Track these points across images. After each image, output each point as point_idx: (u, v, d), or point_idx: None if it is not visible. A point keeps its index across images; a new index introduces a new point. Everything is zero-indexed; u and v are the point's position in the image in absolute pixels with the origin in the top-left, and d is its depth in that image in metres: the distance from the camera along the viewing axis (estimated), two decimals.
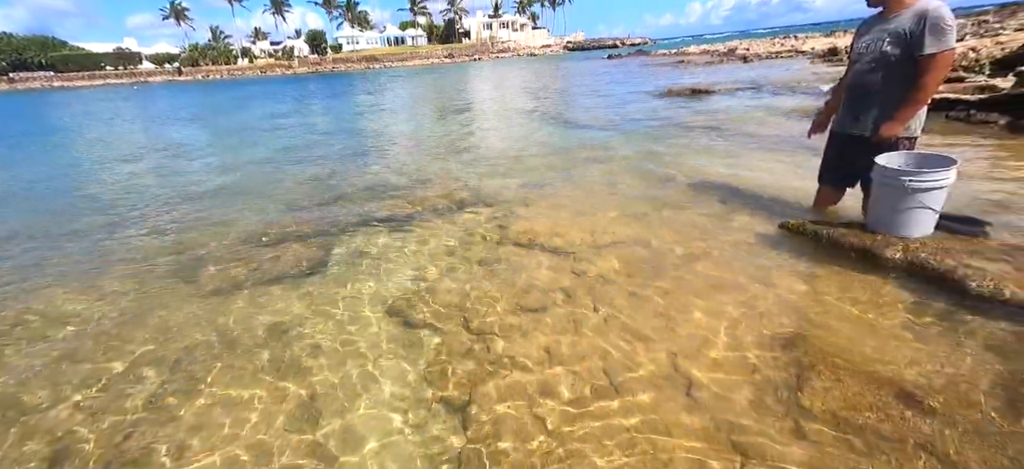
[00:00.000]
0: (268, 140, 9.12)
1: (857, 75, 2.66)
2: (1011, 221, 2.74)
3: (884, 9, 2.52)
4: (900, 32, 2.39)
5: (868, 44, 2.57)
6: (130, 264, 3.35)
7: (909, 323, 1.96)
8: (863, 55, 2.60)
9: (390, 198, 4.49)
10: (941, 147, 4.48)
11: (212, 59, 77.58)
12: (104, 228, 4.21)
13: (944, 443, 1.39)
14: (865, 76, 2.60)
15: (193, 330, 2.42)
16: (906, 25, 2.37)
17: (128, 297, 2.84)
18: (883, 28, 2.48)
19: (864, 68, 2.60)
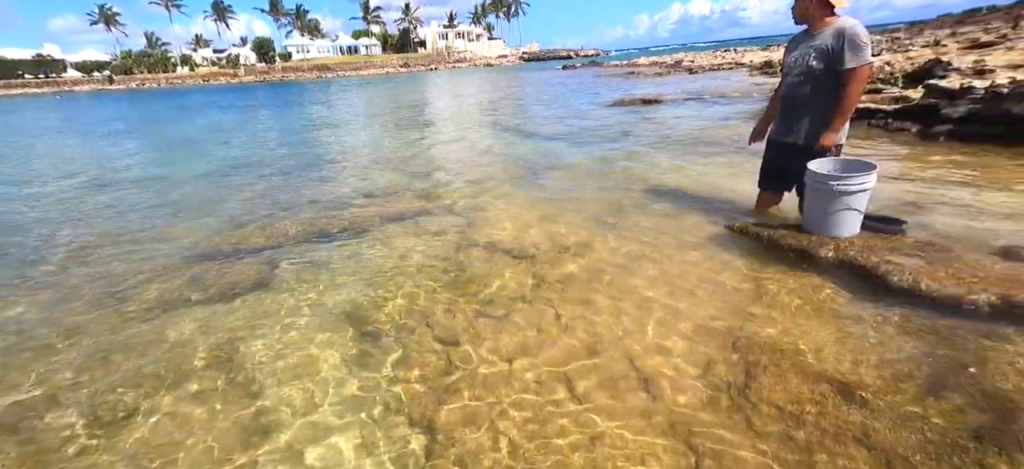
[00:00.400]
0: (212, 153, 8.62)
1: (789, 88, 2.87)
2: (923, 219, 3.03)
3: (809, 27, 2.75)
4: (823, 48, 2.60)
5: (796, 59, 2.78)
6: (52, 289, 3.05)
7: (842, 317, 2.11)
8: (793, 69, 2.81)
9: (345, 210, 4.35)
10: (864, 153, 4.90)
11: (148, 67, 72.67)
12: (22, 250, 3.81)
13: (874, 431, 1.51)
14: (795, 89, 2.81)
15: (125, 355, 2.23)
16: (828, 41, 2.58)
17: (50, 326, 2.58)
18: (809, 44, 2.70)
19: (794, 81, 2.81)
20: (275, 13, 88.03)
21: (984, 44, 8.91)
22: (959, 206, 3.24)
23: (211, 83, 63.77)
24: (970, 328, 1.91)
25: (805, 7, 2.70)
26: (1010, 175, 3.82)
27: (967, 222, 2.95)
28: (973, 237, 2.69)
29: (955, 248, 2.48)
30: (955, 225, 2.90)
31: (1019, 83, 4.69)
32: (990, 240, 2.62)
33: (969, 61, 6.10)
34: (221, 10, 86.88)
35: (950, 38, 12.28)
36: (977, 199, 3.35)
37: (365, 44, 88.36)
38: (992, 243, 2.57)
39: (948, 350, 1.81)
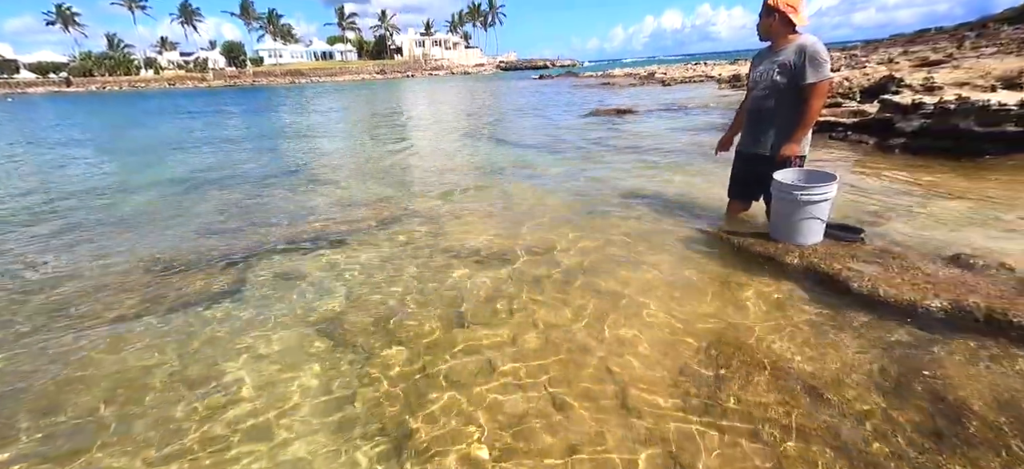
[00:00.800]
0: (177, 160, 8.31)
1: (755, 101, 2.99)
2: (881, 228, 3.18)
3: (773, 43, 2.87)
4: (786, 64, 2.72)
5: (761, 74, 2.90)
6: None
7: (808, 320, 2.19)
8: (758, 83, 2.93)
9: (316, 219, 4.26)
10: (825, 164, 5.12)
11: (109, 69, 69.62)
12: None
13: (838, 431, 1.56)
14: (761, 102, 2.93)
15: (79, 372, 2.10)
16: (791, 58, 2.71)
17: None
18: (773, 60, 2.82)
19: (760, 95, 2.92)
20: (246, 17, 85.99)
21: (933, 62, 9.48)
22: (912, 215, 3.42)
23: (177, 87, 61.63)
24: (924, 331, 2.01)
25: (769, 25, 2.82)
26: (957, 186, 4.06)
27: (920, 231, 3.11)
28: (925, 245, 2.84)
29: (909, 256, 2.61)
30: (909, 233, 3.06)
31: (964, 100, 5.01)
32: (941, 248, 2.77)
33: (919, 78, 6.47)
34: (188, 12, 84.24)
35: (902, 56, 13.03)
36: (928, 209, 3.55)
37: (340, 50, 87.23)
38: (943, 251, 2.72)
39: (905, 352, 1.90)
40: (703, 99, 13.15)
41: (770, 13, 2.78)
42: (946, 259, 2.58)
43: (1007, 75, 5.46)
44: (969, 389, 1.67)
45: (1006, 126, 4.69)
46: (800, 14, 2.71)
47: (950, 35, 23.21)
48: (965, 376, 1.73)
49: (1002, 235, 2.97)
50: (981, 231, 3.06)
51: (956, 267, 2.46)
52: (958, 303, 2.07)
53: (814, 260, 2.56)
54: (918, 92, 5.96)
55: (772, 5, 2.75)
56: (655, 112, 11.03)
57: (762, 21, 2.85)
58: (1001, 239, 2.90)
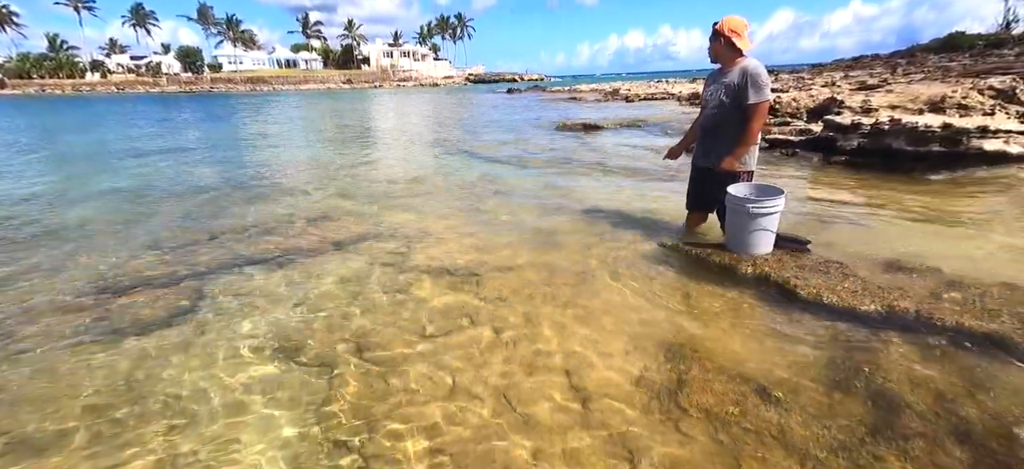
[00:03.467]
0: (124, 168, 7.86)
1: (706, 118, 3.18)
2: (825, 237, 3.40)
3: (722, 65, 3.06)
4: (731, 85, 2.92)
5: (712, 93, 3.10)
6: None
7: (760, 325, 2.31)
8: (709, 102, 3.13)
9: (276, 233, 4.13)
10: (776, 178, 5.43)
11: (49, 71, 65.17)
12: None
13: (788, 428, 1.65)
14: (710, 120, 3.13)
15: (14, 399, 1.95)
16: (735, 79, 2.91)
17: None
18: (721, 81, 3.02)
19: (710, 113, 3.12)
20: (204, 21, 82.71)
21: (870, 86, 10.28)
22: (853, 225, 3.69)
23: (127, 92, 58.37)
24: (863, 333, 2.16)
25: (716, 49, 3.03)
26: (891, 199, 4.41)
27: (859, 239, 3.35)
28: (863, 253, 3.07)
29: (849, 263, 2.81)
30: (849, 242, 3.29)
31: (896, 121, 5.46)
32: (877, 257, 3.00)
33: (858, 100, 7.01)
34: (141, 15, 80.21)
35: (843, 80, 14.06)
36: (867, 220, 3.83)
37: (305, 58, 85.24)
38: (878, 258, 2.94)
39: (847, 353, 2.04)
40: (665, 116, 13.68)
41: (717, 37, 2.98)
42: (882, 265, 2.79)
43: (932, 99, 6.00)
44: (903, 385, 1.81)
45: (932, 146, 5.15)
46: (744, 39, 2.92)
47: (885, 62, 25.23)
48: (897, 374, 1.88)
49: (930, 242, 3.25)
50: (912, 238, 3.33)
51: (890, 273, 2.66)
52: (892, 307, 2.25)
53: (766, 269, 2.72)
54: (857, 113, 6.45)
55: (718, 30, 2.95)
56: (621, 129, 11.37)
57: (711, 45, 3.05)
58: (928, 245, 3.17)
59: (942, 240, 3.34)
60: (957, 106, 5.63)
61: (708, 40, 3.07)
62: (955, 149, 5.07)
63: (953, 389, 1.78)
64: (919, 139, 5.22)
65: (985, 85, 6.09)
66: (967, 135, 5.00)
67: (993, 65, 11.69)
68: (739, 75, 2.89)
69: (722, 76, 3.03)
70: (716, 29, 2.96)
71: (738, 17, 2.93)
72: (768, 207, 2.78)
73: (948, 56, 20.88)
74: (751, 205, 2.78)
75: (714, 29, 2.98)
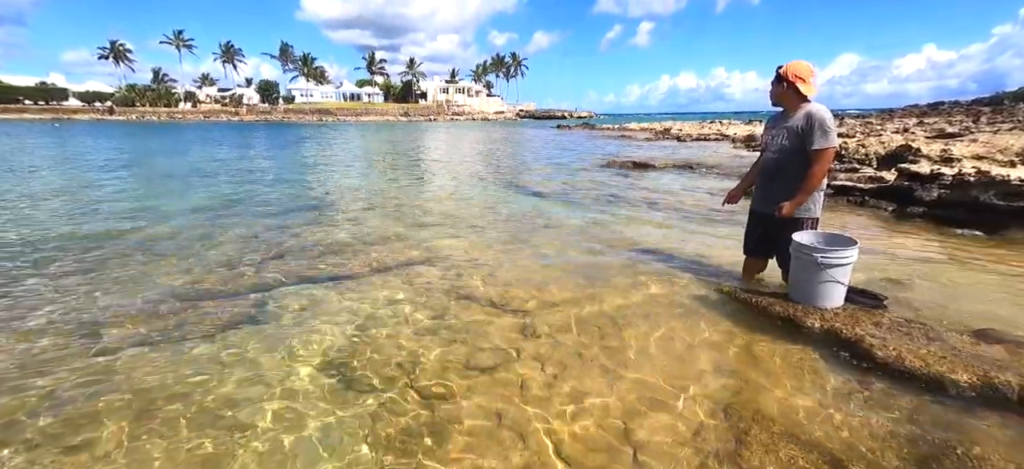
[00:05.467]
0: (204, 188, 8.64)
1: (767, 162, 3.08)
2: (903, 295, 3.12)
3: (785, 109, 2.96)
4: (795, 129, 2.82)
5: (774, 137, 3.01)
6: (15, 320, 2.94)
7: (830, 387, 2.13)
8: (770, 146, 3.03)
9: (334, 255, 4.35)
10: (846, 228, 5.08)
11: (151, 101, 73.75)
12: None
13: None
14: (772, 164, 3.02)
15: (92, 393, 2.13)
16: (800, 123, 2.80)
17: (9, 360, 2.47)
18: (784, 125, 2.92)
19: (772, 157, 3.02)
20: (284, 58, 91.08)
21: (949, 135, 9.54)
22: (934, 284, 3.36)
23: (211, 119, 64.70)
24: (953, 409, 1.93)
25: (779, 93, 2.94)
26: (980, 258, 3.99)
27: (943, 301, 3.04)
28: (949, 316, 2.77)
29: (934, 326, 2.55)
30: (932, 303, 3.00)
31: (983, 173, 5.01)
32: (966, 321, 2.70)
33: (937, 149, 6.51)
34: (230, 52, 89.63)
35: (918, 127, 13.13)
36: (950, 279, 3.48)
37: (368, 92, 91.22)
38: (968, 324, 2.65)
39: (935, 430, 1.82)
40: (719, 158, 13.33)
41: (780, 82, 2.89)
42: (973, 333, 2.51)
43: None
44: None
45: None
46: (809, 84, 2.82)
47: (966, 109, 23.40)
48: (999, 459, 1.66)
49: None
50: (1007, 306, 2.98)
51: (984, 342, 2.39)
52: (989, 380, 2.00)
53: (836, 324, 2.52)
54: (936, 162, 5.98)
55: (783, 75, 2.87)
56: (671, 169, 11.18)
57: (773, 88, 2.97)
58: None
59: None
60: None
61: (770, 83, 3.00)
62: None
63: None
64: (1012, 194, 4.74)
65: None
66: None
67: None
68: (804, 119, 2.80)
69: (785, 120, 2.94)
70: (780, 74, 2.89)
71: (805, 63, 2.85)
72: (839, 257, 2.60)
73: None
74: (819, 254, 2.62)
75: (778, 73, 2.91)
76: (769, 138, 3.06)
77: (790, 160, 2.89)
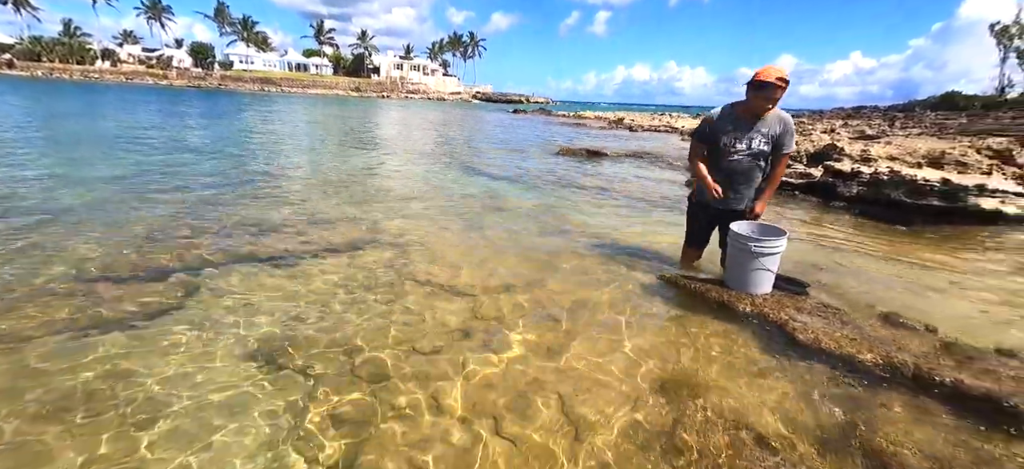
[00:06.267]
0: (124, 156, 7.82)
1: (739, 164, 3.03)
2: (823, 279, 3.39)
3: (754, 112, 2.93)
4: (771, 134, 2.94)
5: (746, 140, 2.97)
6: None
7: (758, 367, 2.28)
8: (737, 148, 2.99)
9: (274, 233, 4.09)
10: (776, 219, 5.45)
11: (60, 56, 65.53)
12: None
13: None
14: (744, 165, 3.03)
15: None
16: (778, 128, 2.93)
17: None
18: (758, 129, 2.94)
19: (744, 158, 3.01)
20: (220, 20, 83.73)
21: (869, 136, 10.45)
22: (850, 271, 3.69)
23: (135, 82, 58.68)
24: (860, 386, 2.13)
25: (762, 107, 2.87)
26: (887, 248, 4.42)
27: (856, 286, 3.34)
28: (861, 301, 3.05)
29: (847, 311, 2.80)
30: (847, 288, 3.28)
31: (895, 173, 5.53)
32: (874, 306, 2.98)
33: (858, 149, 7.11)
34: (157, 9, 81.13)
35: (843, 128, 14.31)
36: (863, 266, 3.83)
37: (316, 63, 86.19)
38: (876, 309, 2.93)
39: (843, 406, 2.00)
40: (666, 149, 13.84)
41: (784, 87, 2.81)
42: (879, 316, 2.78)
43: (931, 154, 6.09)
44: (898, 444, 1.78)
45: (930, 200, 5.20)
46: None
47: (883, 114, 25.74)
48: (895, 431, 1.85)
49: (927, 296, 3.24)
50: (909, 293, 3.32)
51: (888, 325, 2.65)
52: (890, 360, 2.22)
53: (765, 309, 2.70)
54: (856, 162, 6.53)
55: (787, 81, 2.80)
56: (624, 158, 11.47)
57: (776, 95, 2.82)
58: (925, 300, 3.16)
59: (937, 295, 3.34)
60: (955, 163, 5.72)
61: (764, 91, 2.80)
62: (953, 205, 5.12)
63: (953, 452, 1.74)
64: (917, 192, 5.27)
65: (983, 144, 6.20)
66: (965, 192, 5.06)
67: (989, 126, 11.94)
68: (781, 124, 2.93)
69: (757, 123, 2.93)
70: (786, 79, 2.80)
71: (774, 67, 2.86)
72: (770, 247, 2.77)
73: (944, 113, 21.35)
74: (754, 244, 2.78)
75: (785, 80, 2.79)
76: (734, 139, 2.98)
77: (762, 161, 3.02)
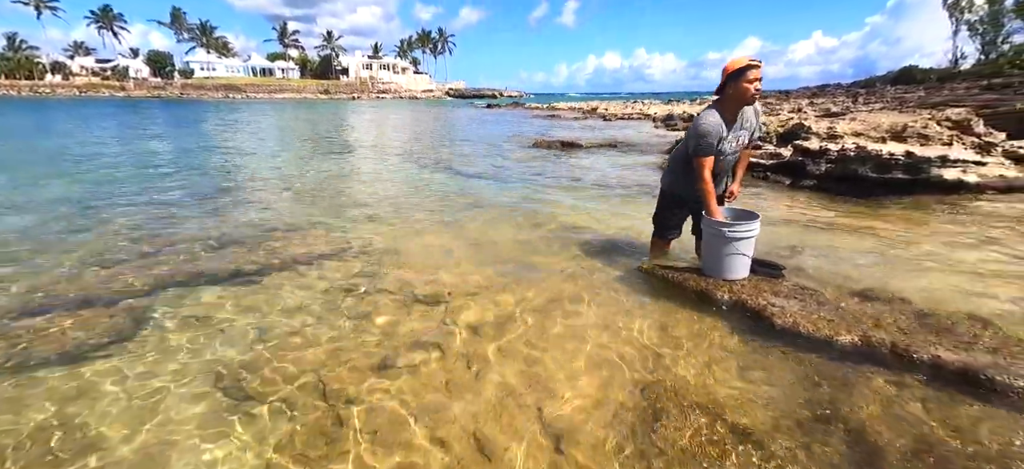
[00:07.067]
0: (77, 173, 7.38)
1: (727, 162, 2.97)
2: (798, 261, 3.41)
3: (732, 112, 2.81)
4: (751, 127, 2.92)
5: (736, 140, 2.87)
6: None
7: (737, 356, 2.24)
8: (730, 150, 2.90)
9: (237, 248, 3.89)
10: (749, 202, 5.49)
11: (6, 72, 61.95)
12: None
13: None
14: (731, 161, 3.03)
15: None
16: (754, 121, 2.93)
17: None
18: (742, 127, 2.86)
19: (731, 156, 2.96)
20: (177, 26, 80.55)
21: (834, 114, 10.70)
22: (824, 250, 3.72)
23: (90, 95, 56.00)
24: (839, 366, 2.12)
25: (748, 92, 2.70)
26: (858, 224, 4.50)
27: (831, 265, 3.37)
28: (835, 280, 3.07)
29: (823, 291, 2.80)
30: (822, 268, 3.30)
31: (862, 149, 5.63)
32: (849, 283, 3.00)
33: (824, 127, 7.24)
34: (108, 17, 77.41)
35: (809, 107, 14.66)
36: (836, 244, 3.88)
37: (281, 67, 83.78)
38: (851, 287, 2.94)
39: (824, 389, 1.98)
40: (641, 137, 13.93)
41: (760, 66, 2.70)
42: (855, 294, 2.79)
43: (894, 128, 6.23)
44: (880, 423, 1.76)
45: (895, 173, 5.32)
46: None
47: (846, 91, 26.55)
48: (877, 410, 1.83)
49: (898, 269, 3.28)
50: (881, 266, 3.36)
51: (864, 302, 2.65)
52: (867, 339, 2.22)
53: (743, 296, 2.67)
54: (823, 139, 6.64)
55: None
56: (597, 148, 11.47)
57: (759, 72, 2.67)
58: (897, 273, 3.20)
59: (908, 268, 3.39)
60: (917, 135, 5.86)
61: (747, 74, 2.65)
62: (917, 177, 5.24)
63: (932, 428, 1.74)
64: (883, 166, 5.38)
65: (942, 116, 6.38)
66: (928, 164, 5.19)
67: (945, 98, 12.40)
68: (756, 116, 2.93)
69: (737, 123, 2.83)
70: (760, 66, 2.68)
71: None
72: (744, 232, 2.75)
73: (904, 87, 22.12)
74: (727, 229, 2.75)
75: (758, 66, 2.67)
76: (729, 144, 2.86)
77: (741, 153, 3.04)
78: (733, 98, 2.76)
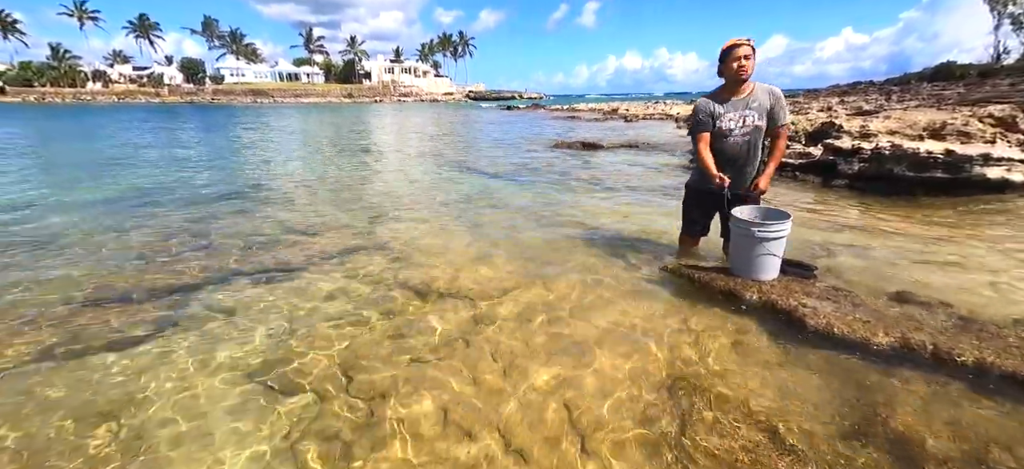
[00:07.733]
0: (118, 176, 7.74)
1: (737, 146, 2.93)
2: (830, 262, 3.30)
3: (735, 90, 2.87)
4: (762, 107, 2.85)
5: (739, 119, 2.87)
6: None
7: (768, 358, 2.19)
8: (734, 131, 2.90)
9: (268, 246, 4.01)
10: (779, 202, 5.35)
11: (51, 80, 65.38)
12: None
13: None
14: (744, 146, 2.93)
15: None
16: (768, 100, 2.85)
17: None
18: (750, 107, 2.85)
19: (742, 140, 2.91)
20: (209, 34, 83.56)
21: (867, 112, 10.33)
22: (857, 251, 3.59)
23: (128, 102, 58.61)
24: (877, 370, 2.05)
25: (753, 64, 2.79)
26: (894, 225, 4.33)
27: (866, 267, 3.25)
28: (870, 282, 2.96)
29: (858, 292, 2.71)
30: (856, 269, 3.19)
31: (897, 147, 5.43)
32: (885, 284, 2.90)
33: (856, 125, 7.00)
34: (145, 26, 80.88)
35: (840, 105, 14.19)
36: (871, 245, 3.74)
37: (307, 72, 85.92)
38: (887, 287, 2.84)
39: (862, 393, 1.91)
40: (664, 138, 13.73)
41: (753, 53, 2.78)
42: (891, 296, 2.69)
43: (932, 126, 5.98)
44: (922, 429, 1.69)
45: (935, 172, 5.10)
46: None
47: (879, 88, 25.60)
48: (918, 415, 1.76)
49: (938, 272, 3.15)
50: (920, 268, 3.23)
51: (901, 304, 2.56)
52: (907, 340, 2.14)
53: (772, 296, 2.61)
54: (856, 138, 6.43)
55: (753, 47, 2.76)
56: (619, 149, 11.36)
57: (751, 62, 2.77)
58: (937, 275, 3.07)
59: (950, 269, 3.24)
60: (958, 133, 5.61)
61: (733, 53, 2.76)
62: (958, 176, 5.02)
63: (978, 435, 1.66)
64: (921, 165, 5.17)
65: (985, 113, 6.09)
66: (970, 162, 4.96)
67: (987, 94, 11.82)
68: (768, 96, 2.86)
69: (746, 97, 2.85)
70: (752, 45, 2.75)
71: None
72: (775, 231, 2.68)
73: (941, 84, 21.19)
74: (757, 229, 2.69)
75: (751, 46, 2.75)
76: (729, 122, 2.89)
77: (759, 139, 2.93)
78: (725, 77, 2.89)
